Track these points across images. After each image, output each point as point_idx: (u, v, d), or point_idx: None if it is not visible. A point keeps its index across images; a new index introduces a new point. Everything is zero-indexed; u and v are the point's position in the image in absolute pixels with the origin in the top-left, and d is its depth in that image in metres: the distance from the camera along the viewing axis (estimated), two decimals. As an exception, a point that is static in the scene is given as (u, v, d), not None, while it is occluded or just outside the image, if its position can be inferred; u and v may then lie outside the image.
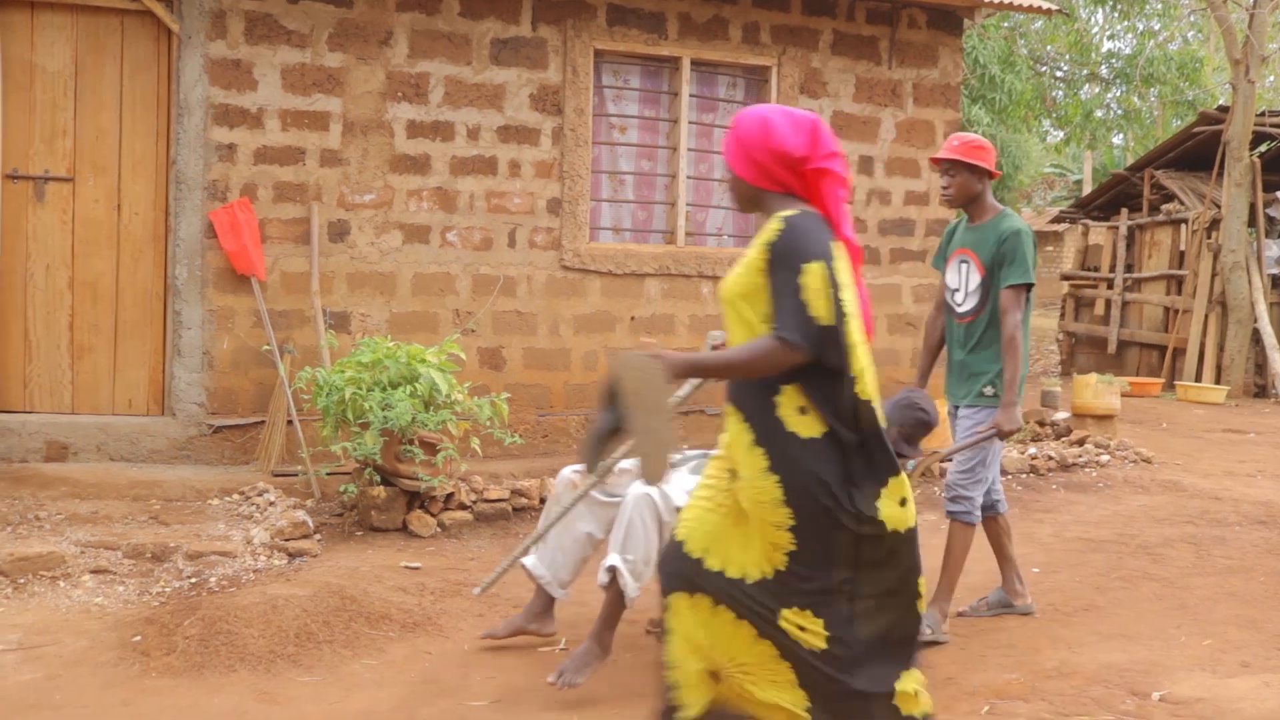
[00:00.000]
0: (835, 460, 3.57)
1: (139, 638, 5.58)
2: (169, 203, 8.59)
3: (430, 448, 7.51)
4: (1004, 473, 9.73)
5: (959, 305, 6.02)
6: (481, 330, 9.19)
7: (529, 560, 5.56)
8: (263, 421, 8.61)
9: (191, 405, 8.60)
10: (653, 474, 3.55)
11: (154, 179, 8.59)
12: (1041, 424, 11.71)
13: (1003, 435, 5.76)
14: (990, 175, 5.93)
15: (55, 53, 8.38)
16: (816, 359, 3.52)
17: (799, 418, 3.59)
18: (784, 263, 3.54)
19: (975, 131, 19.79)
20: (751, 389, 3.67)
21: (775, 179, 3.75)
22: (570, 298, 9.48)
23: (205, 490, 7.97)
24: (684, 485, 5.21)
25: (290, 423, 8.42)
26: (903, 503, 3.63)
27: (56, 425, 8.35)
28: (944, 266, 6.19)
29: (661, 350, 3.62)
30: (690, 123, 9.88)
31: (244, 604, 5.93)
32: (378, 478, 7.63)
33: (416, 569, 6.93)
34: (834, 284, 3.54)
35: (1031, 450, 10.37)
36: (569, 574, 5.58)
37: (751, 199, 3.81)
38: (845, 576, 3.60)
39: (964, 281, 5.99)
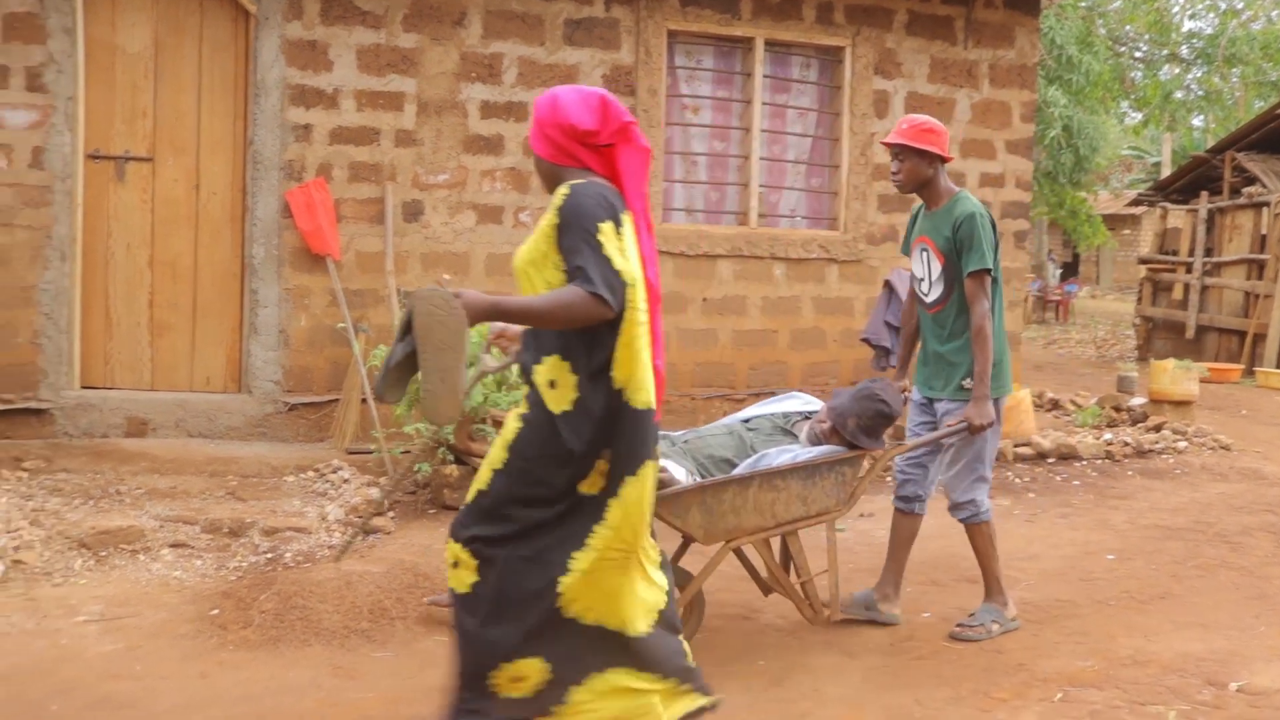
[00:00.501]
0: (555, 436, 3.69)
1: (216, 611, 5.66)
2: (246, 182, 8.68)
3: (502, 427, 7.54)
4: (1079, 458, 9.62)
5: (926, 295, 5.76)
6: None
7: None
8: (337, 400, 8.70)
9: (268, 383, 8.70)
10: (437, 414, 3.52)
11: (231, 159, 8.69)
12: (1118, 409, 11.56)
13: (973, 430, 5.50)
14: (942, 160, 5.65)
15: (136, 35, 8.49)
16: (616, 315, 3.59)
17: (548, 390, 3.72)
18: (576, 225, 3.61)
19: (1053, 113, 19.56)
20: (529, 349, 3.83)
21: (569, 154, 3.84)
22: (642, 279, 9.46)
23: (281, 467, 8.06)
24: (676, 473, 5.15)
25: (364, 401, 8.50)
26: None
27: (136, 402, 8.48)
28: (911, 255, 5.94)
29: (462, 289, 3.58)
30: (764, 104, 9.84)
31: (318, 579, 6.00)
32: (450, 456, 7.68)
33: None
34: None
35: (1107, 436, 10.25)
36: None
37: (552, 176, 3.87)
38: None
39: (927, 270, 5.73)
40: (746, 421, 5.74)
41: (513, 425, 3.82)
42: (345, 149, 8.75)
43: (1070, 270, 40.59)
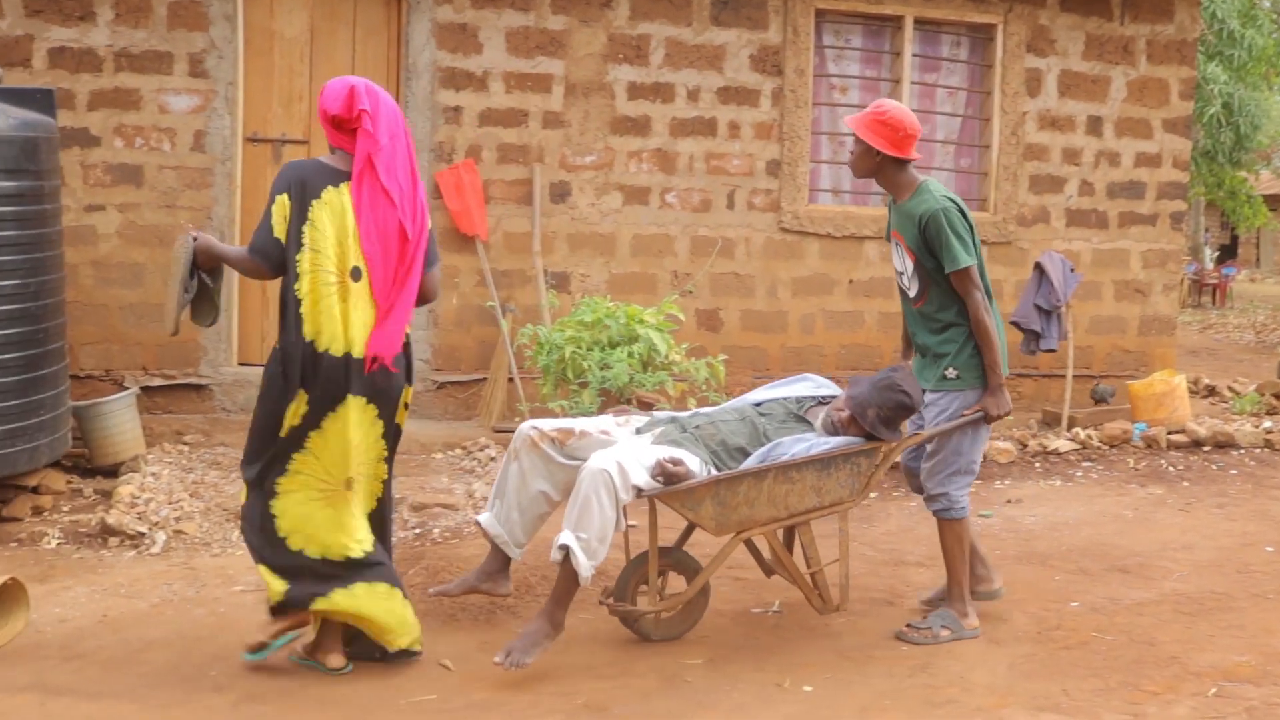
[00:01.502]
0: (277, 369, 4.62)
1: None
2: (398, 164, 8.83)
3: (647, 408, 7.58)
4: (1236, 446, 9.36)
5: (908, 289, 5.53)
6: (699, 292, 9.24)
7: (484, 518, 5.28)
8: (484, 378, 8.83)
9: (417, 361, 8.82)
10: (165, 323, 4.83)
11: (384, 141, 8.85)
12: (1278, 396, 11.21)
13: (990, 420, 5.33)
14: (897, 158, 5.32)
15: (293, 20, 8.69)
16: (275, 272, 4.61)
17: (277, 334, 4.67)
18: (270, 194, 4.64)
19: (1212, 90, 18.97)
20: None
21: (331, 136, 4.67)
22: (788, 260, 9.45)
23: (429, 444, 8.21)
24: (645, 459, 5.01)
25: (511, 380, 8.62)
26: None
27: (291, 378, 8.69)
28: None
29: (201, 234, 4.75)
30: (912, 83, 9.72)
31: (465, 555, 6.11)
32: (595, 436, 7.74)
33: (633, 527, 7.01)
34: (299, 217, 4.57)
35: (1267, 424, 9.94)
36: (524, 534, 5.25)
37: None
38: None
39: (904, 265, 5.49)
40: (758, 405, 5.56)
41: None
42: (494, 131, 8.87)
43: (1228, 253, 39.41)
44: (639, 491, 4.96)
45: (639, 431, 5.38)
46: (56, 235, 7.03)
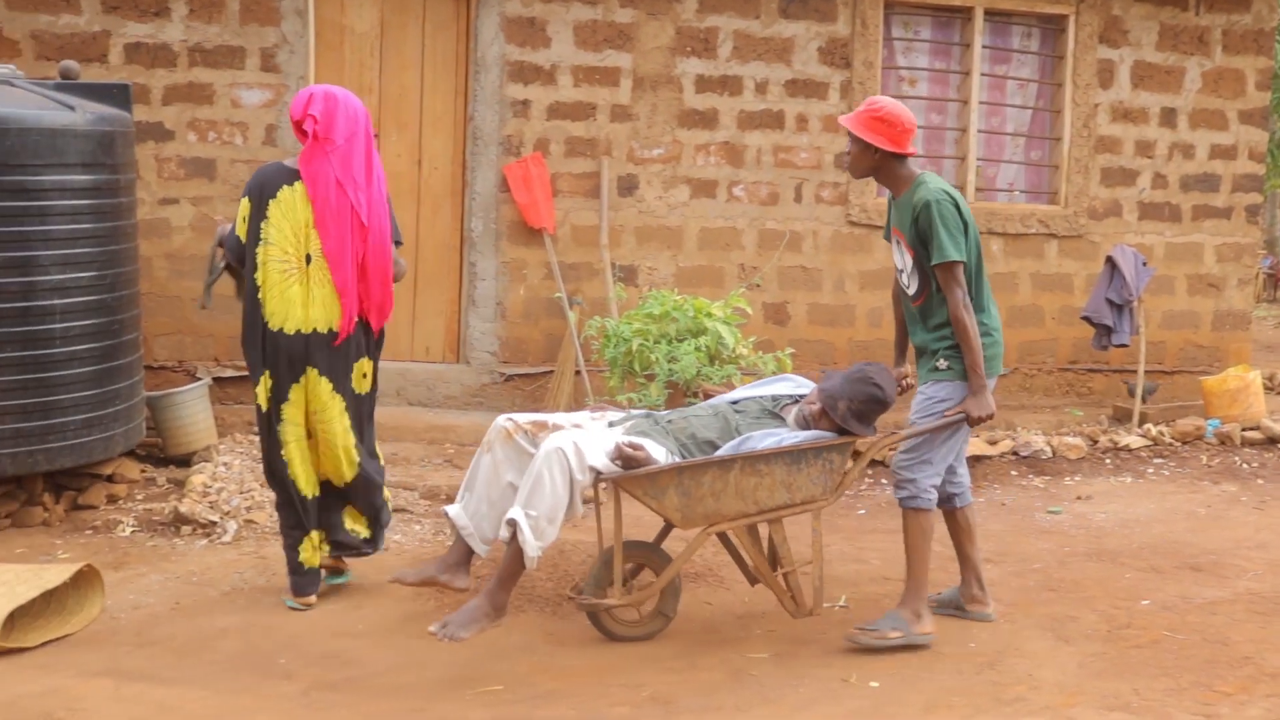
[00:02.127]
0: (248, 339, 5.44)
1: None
2: (466, 157, 8.89)
3: (713, 401, 7.58)
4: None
5: (906, 288, 5.42)
6: (767, 285, 9.22)
7: (452, 509, 5.22)
8: (551, 371, 8.86)
9: (484, 353, 8.91)
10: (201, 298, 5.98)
11: (452, 135, 8.90)
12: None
13: (972, 422, 5.20)
14: (895, 154, 5.24)
15: (363, 15, 8.76)
16: (240, 264, 5.42)
17: None
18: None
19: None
20: None
21: (297, 136, 5.37)
22: (856, 254, 9.40)
23: (496, 436, 8.24)
24: (605, 443, 4.97)
25: (578, 372, 8.64)
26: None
27: (360, 370, 8.77)
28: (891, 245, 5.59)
29: (225, 225, 5.54)
30: (982, 75, 9.64)
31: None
32: (662, 429, 7.75)
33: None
34: (258, 215, 5.31)
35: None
36: (492, 530, 5.16)
37: None
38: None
39: (904, 262, 5.38)
40: (735, 403, 5.49)
41: None
42: (562, 124, 8.89)
43: (1306, 245, 38.70)
44: (597, 474, 4.91)
45: (611, 425, 5.34)
46: (132, 228, 7.14)
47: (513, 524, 4.84)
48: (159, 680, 4.74)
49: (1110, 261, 9.17)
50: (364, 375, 5.54)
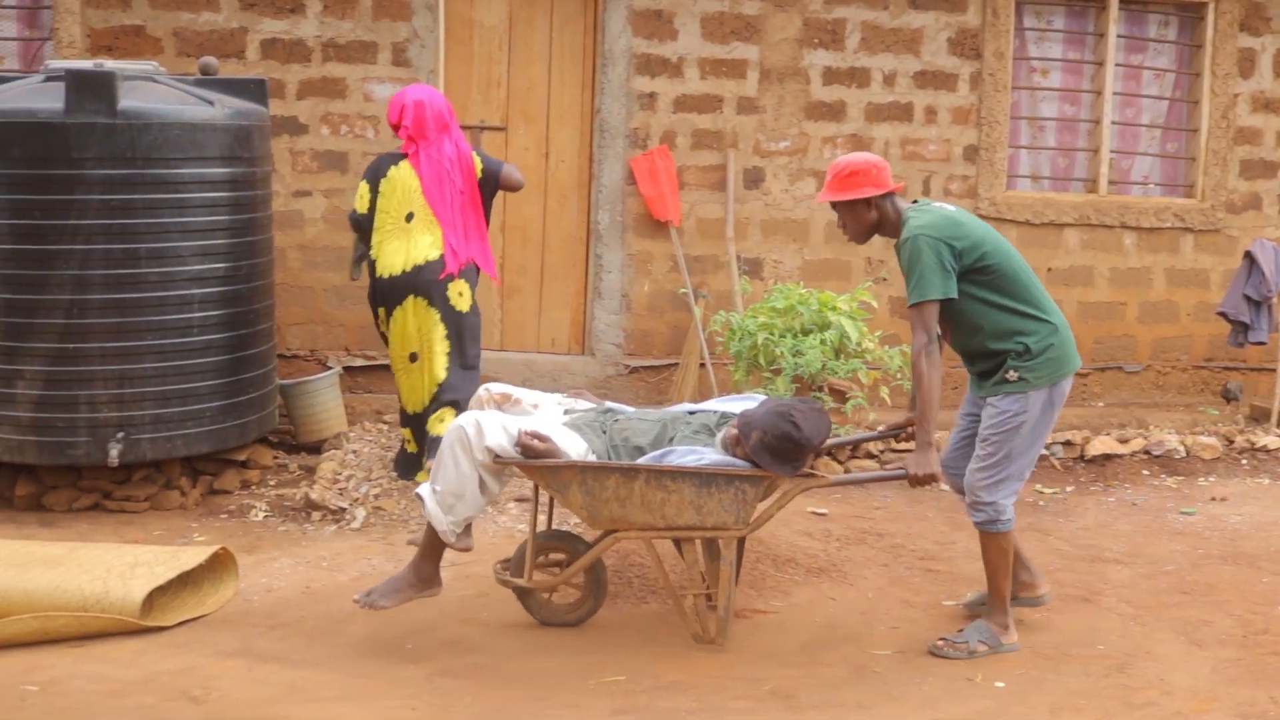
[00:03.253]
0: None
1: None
2: (593, 150, 8.93)
3: (840, 395, 7.55)
4: None
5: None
6: (893, 278, 9.12)
7: (424, 488, 5.15)
8: (676, 364, 8.87)
9: (610, 345, 8.95)
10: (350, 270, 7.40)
11: (579, 127, 8.95)
12: None
13: (912, 481, 4.91)
14: (884, 194, 5.15)
15: (492, 9, 8.85)
16: (362, 236, 7.03)
17: None
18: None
19: None
20: None
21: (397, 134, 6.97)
22: (984, 247, 9.25)
23: (620, 428, 8.28)
24: (506, 424, 4.97)
25: (703, 365, 8.64)
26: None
27: (486, 360, 8.83)
28: None
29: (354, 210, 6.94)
30: (1117, 65, 9.43)
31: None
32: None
33: (823, 515, 7.00)
34: (374, 193, 6.88)
35: None
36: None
37: None
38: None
39: None
40: (691, 413, 5.37)
41: None
42: (688, 117, 8.89)
43: None
44: (496, 456, 4.92)
45: (566, 412, 5.35)
46: (267, 220, 7.30)
47: (420, 498, 5.05)
48: (290, 662, 4.85)
49: (1249, 256, 8.93)
50: (460, 294, 6.86)
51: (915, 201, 5.31)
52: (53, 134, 6.44)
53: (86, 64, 6.78)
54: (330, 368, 8.46)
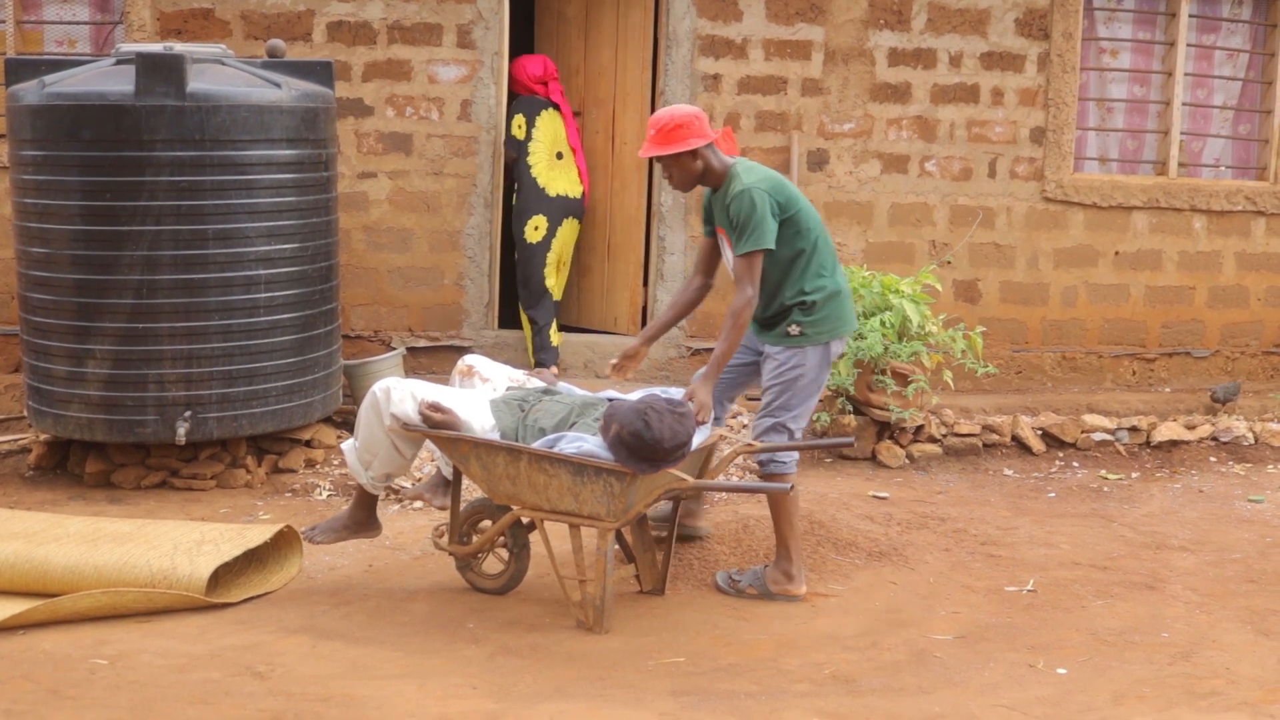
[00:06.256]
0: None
1: (618, 548, 5.89)
2: (656, 132, 8.92)
3: (902, 379, 7.51)
4: None
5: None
6: (958, 262, 9.06)
7: (346, 445, 5.51)
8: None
9: (674, 330, 8.92)
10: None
11: (641, 110, 8.94)
12: None
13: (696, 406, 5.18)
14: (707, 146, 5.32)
15: (573, 1, 8.98)
16: (515, 157, 8.52)
17: None
18: (507, 115, 8.49)
19: None
20: None
21: (532, 86, 8.57)
22: (1051, 231, 9.18)
23: (682, 410, 8.28)
24: (416, 392, 5.15)
25: (763, 348, 8.61)
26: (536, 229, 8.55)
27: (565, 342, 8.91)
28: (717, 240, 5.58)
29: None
30: (1188, 45, 9.29)
31: (717, 522, 6.16)
32: (849, 407, 7.71)
33: (884, 499, 6.98)
34: (530, 126, 8.40)
35: None
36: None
37: None
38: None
39: (730, 257, 5.40)
40: (611, 400, 5.35)
41: None
42: (752, 98, 8.86)
43: None
44: (404, 423, 5.12)
45: (508, 389, 5.51)
46: (332, 201, 7.36)
47: (344, 452, 5.40)
48: (353, 639, 4.90)
49: (1323, 241, 8.78)
50: (535, 228, 8.45)
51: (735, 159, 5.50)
52: (123, 116, 6.53)
53: (156, 47, 6.86)
54: (394, 348, 8.53)
